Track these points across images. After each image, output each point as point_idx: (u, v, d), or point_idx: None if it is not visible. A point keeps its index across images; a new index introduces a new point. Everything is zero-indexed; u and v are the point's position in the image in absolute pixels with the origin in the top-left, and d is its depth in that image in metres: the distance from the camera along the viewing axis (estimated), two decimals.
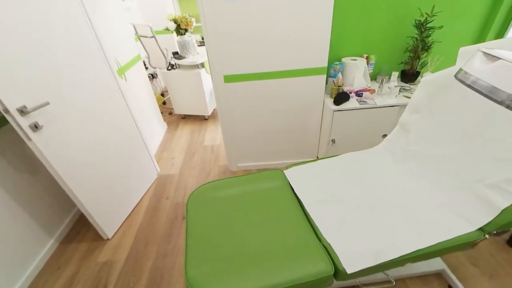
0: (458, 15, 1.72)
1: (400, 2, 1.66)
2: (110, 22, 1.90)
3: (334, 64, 1.78)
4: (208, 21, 1.48)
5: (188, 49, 2.75)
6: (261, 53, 1.60)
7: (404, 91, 1.76)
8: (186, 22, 2.57)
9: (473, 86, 0.66)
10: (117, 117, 1.69)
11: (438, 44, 1.75)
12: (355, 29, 1.76)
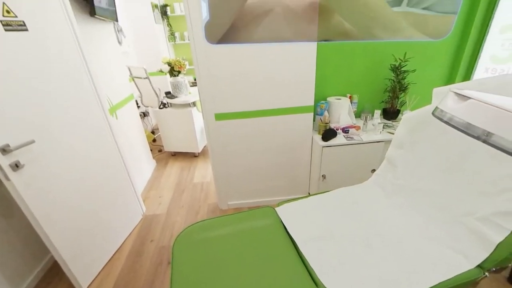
0: (428, 61, 1.91)
1: (375, 49, 1.84)
2: (106, 65, 1.98)
3: (320, 103, 1.88)
4: (201, 64, 1.57)
5: (181, 89, 2.86)
6: (251, 93, 1.68)
7: (387, 127, 1.85)
8: (179, 65, 2.72)
9: (450, 123, 0.71)
10: (104, 155, 1.66)
11: (413, 85, 1.91)
12: (337, 72, 1.90)
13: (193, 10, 1.43)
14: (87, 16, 1.76)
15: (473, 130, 0.51)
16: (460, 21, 1.79)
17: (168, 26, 4.18)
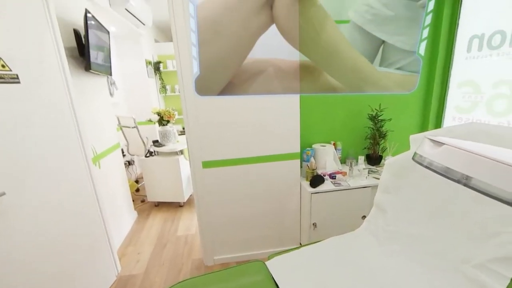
0: (401, 110, 2.08)
1: (353, 100, 2.01)
2: (95, 115, 2.01)
3: (306, 150, 1.93)
4: (190, 114, 1.62)
5: (169, 137, 2.88)
6: (239, 141, 1.72)
7: (372, 173, 1.89)
8: (169, 114, 2.80)
9: (430, 167, 0.74)
10: (81, 207, 1.55)
11: (391, 132, 2.04)
12: (320, 120, 2.02)
13: (185, 66, 1.55)
14: (82, 71, 1.85)
15: (453, 174, 0.53)
16: (423, 78, 2.03)
17: (160, 80, 4.43)
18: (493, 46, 1.63)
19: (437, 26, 1.90)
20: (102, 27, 2.03)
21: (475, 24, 1.74)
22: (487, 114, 1.71)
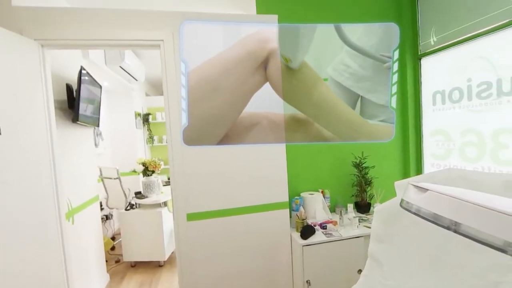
0: (382, 158, 2.17)
1: (336, 148, 2.09)
2: (76, 167, 1.94)
3: (295, 198, 1.90)
4: (176, 163, 1.60)
5: (153, 188, 2.77)
6: (226, 191, 1.67)
7: (363, 221, 1.85)
8: (154, 164, 2.75)
9: (419, 214, 0.74)
10: (43, 271, 1.36)
11: (376, 179, 2.08)
12: (307, 168, 2.05)
13: (174, 118, 1.60)
14: (69, 122, 1.85)
15: (441, 220, 0.53)
16: (398, 128, 2.19)
17: (148, 131, 4.48)
18: (454, 100, 1.84)
19: (403, 83, 2.15)
20: (95, 82, 2.12)
21: (435, 82, 1.98)
22: (461, 160, 1.82)
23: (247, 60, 1.65)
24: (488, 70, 1.61)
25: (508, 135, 1.52)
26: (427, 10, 1.99)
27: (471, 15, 1.67)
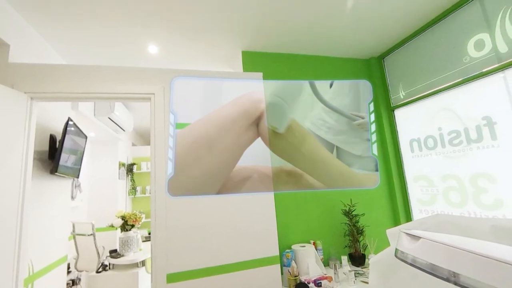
0: (371, 205, 2.16)
1: (325, 197, 2.07)
2: (47, 223, 1.76)
3: (285, 252, 1.78)
4: (158, 215, 1.50)
5: (131, 245, 2.53)
6: (210, 246, 1.55)
7: (359, 275, 1.72)
8: (134, 218, 2.57)
9: (415, 265, 0.70)
10: None
11: (368, 228, 2.02)
12: (297, 219, 1.97)
13: (159, 167, 1.56)
14: (47, 173, 1.76)
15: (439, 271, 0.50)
16: (383, 174, 2.25)
17: (131, 181, 4.31)
18: (429, 147, 1.95)
19: (381, 132, 2.29)
20: (80, 133, 2.10)
21: (410, 131, 2.13)
22: (447, 205, 1.84)
23: (242, 118, 1.76)
24: (454, 120, 1.77)
25: (485, 180, 1.59)
26: (393, 69, 2.27)
27: (431, 74, 1.91)
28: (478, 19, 1.59)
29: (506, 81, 1.47)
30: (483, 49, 1.57)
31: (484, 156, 1.59)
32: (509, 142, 1.47)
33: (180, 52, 2.11)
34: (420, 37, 1.99)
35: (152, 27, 1.78)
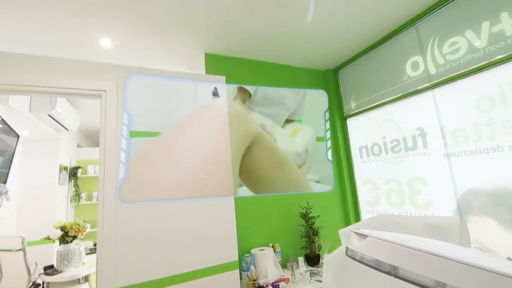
0: (325, 207, 2.30)
1: (284, 200, 2.13)
2: None
3: (245, 256, 1.77)
4: (107, 224, 1.37)
5: (71, 259, 2.24)
6: (167, 255, 1.47)
7: (314, 275, 1.81)
8: (77, 228, 2.29)
9: (363, 261, 0.77)
10: None
11: (322, 229, 2.14)
12: (257, 222, 1.99)
13: (109, 171, 1.43)
14: None
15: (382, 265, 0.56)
16: (336, 178, 2.42)
17: (75, 187, 3.86)
18: (375, 153, 2.17)
19: (335, 139, 2.47)
20: (10, 131, 1.81)
21: (360, 138, 2.34)
22: (389, 206, 2.06)
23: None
24: (395, 130, 2.00)
25: (418, 183, 1.83)
26: (346, 82, 2.48)
27: (377, 88, 2.13)
28: (414, 44, 1.84)
29: (435, 98, 1.73)
30: (418, 70, 1.82)
31: (418, 162, 1.83)
32: (436, 151, 1.71)
33: (137, 48, 1.98)
34: (369, 54, 2.22)
35: (106, 19, 1.63)
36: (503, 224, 1.38)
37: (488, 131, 1.45)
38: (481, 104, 1.48)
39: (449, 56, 1.63)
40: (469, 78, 1.54)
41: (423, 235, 0.83)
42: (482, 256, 0.31)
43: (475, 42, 1.50)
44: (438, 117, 1.70)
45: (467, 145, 1.54)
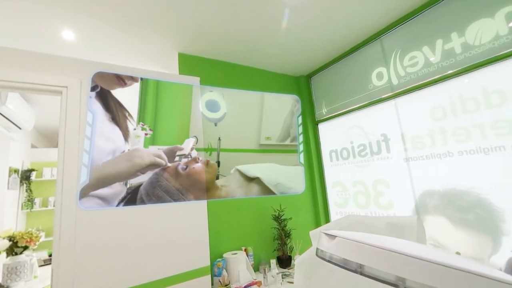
0: (297, 209, 2.35)
1: (257, 203, 2.14)
2: None
3: (216, 261, 1.74)
4: (65, 232, 1.26)
5: (20, 273, 2.01)
6: (135, 263, 1.38)
7: (286, 276, 1.83)
8: (29, 237, 2.06)
9: (332, 261, 0.79)
10: None
11: (294, 231, 2.18)
12: (230, 226, 1.97)
13: (69, 174, 1.32)
14: None
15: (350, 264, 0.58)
16: (307, 181, 2.49)
17: (28, 191, 3.48)
18: (344, 157, 2.28)
19: (307, 143, 2.55)
20: None
21: (330, 142, 2.45)
22: (356, 207, 2.17)
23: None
24: (362, 135, 2.12)
25: (382, 185, 1.96)
26: (318, 88, 2.58)
27: (346, 95, 2.25)
28: (379, 56, 1.98)
29: (396, 107, 1.87)
30: (382, 80, 1.96)
31: (382, 165, 1.96)
32: (398, 155, 1.85)
33: (104, 44, 1.87)
34: (339, 63, 2.33)
35: (69, 9, 1.51)
36: (453, 222, 1.53)
37: (441, 138, 1.60)
38: (436, 114, 1.63)
39: (409, 68, 1.78)
40: (425, 89, 1.70)
41: (386, 234, 0.89)
42: (435, 252, 0.34)
43: (430, 57, 1.66)
44: (400, 124, 1.84)
45: (424, 150, 1.68)
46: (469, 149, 1.47)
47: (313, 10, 1.69)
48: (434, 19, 1.65)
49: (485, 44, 1.42)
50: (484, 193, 1.40)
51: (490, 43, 1.40)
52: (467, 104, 1.49)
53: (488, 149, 1.40)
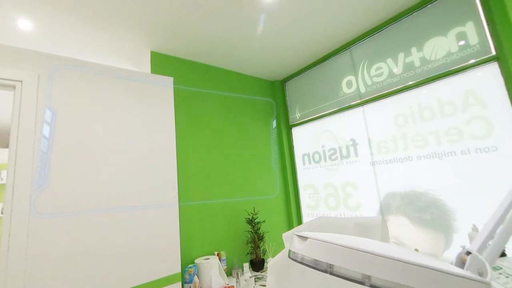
0: (271, 212, 2.37)
1: (230, 206, 2.12)
2: None
3: (188, 267, 1.68)
4: (14, 242, 1.13)
5: None
6: (99, 273, 1.29)
7: (258, 280, 1.83)
8: None
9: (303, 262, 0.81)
10: None
11: (267, 234, 2.20)
12: (202, 230, 1.92)
13: (21, 177, 1.19)
14: None
15: (320, 264, 0.60)
16: (281, 184, 2.53)
17: None
18: (316, 161, 2.36)
19: (281, 147, 2.60)
20: None
21: (303, 146, 2.52)
22: (327, 209, 2.25)
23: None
24: (332, 140, 2.22)
25: (351, 187, 2.06)
26: (292, 93, 2.65)
27: (318, 101, 2.34)
28: (349, 65, 2.10)
29: (364, 113, 1.99)
30: (351, 88, 2.07)
31: (350, 169, 2.06)
32: (365, 159, 1.96)
33: (68, 37, 1.73)
34: (312, 70, 2.42)
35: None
36: (412, 221, 1.65)
37: (402, 143, 1.73)
38: (398, 121, 1.77)
39: (375, 78, 1.91)
40: (389, 98, 1.83)
41: (354, 234, 0.93)
42: (397, 249, 0.37)
43: (393, 68, 1.80)
44: (367, 130, 1.96)
45: (387, 154, 1.81)
46: (426, 154, 1.61)
47: (289, 18, 1.74)
48: (397, 34, 1.79)
49: (439, 59, 1.58)
50: (439, 194, 1.55)
51: (443, 59, 1.56)
52: (424, 113, 1.64)
53: (442, 154, 1.54)
